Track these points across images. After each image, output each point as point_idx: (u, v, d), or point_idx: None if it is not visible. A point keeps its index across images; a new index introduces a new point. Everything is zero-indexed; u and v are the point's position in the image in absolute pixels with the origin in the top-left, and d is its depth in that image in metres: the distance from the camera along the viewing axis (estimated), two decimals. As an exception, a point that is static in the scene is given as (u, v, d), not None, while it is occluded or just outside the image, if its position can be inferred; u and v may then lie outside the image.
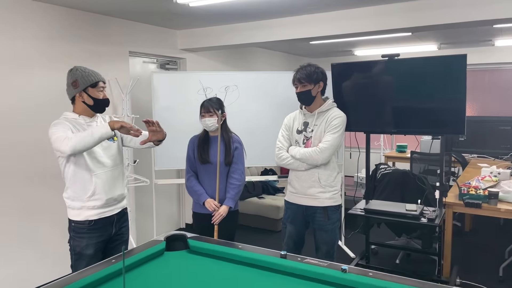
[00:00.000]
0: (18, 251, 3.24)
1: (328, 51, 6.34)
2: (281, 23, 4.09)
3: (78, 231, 2.24)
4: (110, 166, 2.30)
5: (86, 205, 2.23)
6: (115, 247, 2.37)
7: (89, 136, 2.07)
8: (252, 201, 5.07)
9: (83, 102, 2.24)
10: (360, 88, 3.22)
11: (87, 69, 2.25)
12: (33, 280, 3.34)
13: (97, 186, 2.23)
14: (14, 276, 3.22)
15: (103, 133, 2.08)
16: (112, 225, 2.34)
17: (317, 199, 2.62)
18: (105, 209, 2.28)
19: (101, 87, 2.26)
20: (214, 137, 2.79)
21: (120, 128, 2.10)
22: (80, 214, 2.24)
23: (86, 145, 2.07)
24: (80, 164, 2.20)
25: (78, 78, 2.21)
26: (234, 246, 1.99)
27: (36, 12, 3.29)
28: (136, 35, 4.17)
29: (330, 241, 2.66)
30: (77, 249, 2.24)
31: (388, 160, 5.58)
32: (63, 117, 2.23)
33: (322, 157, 2.53)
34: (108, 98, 2.31)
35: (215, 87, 3.90)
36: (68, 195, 2.26)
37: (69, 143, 2.04)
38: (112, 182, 2.31)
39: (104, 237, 2.31)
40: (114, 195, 2.31)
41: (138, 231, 4.39)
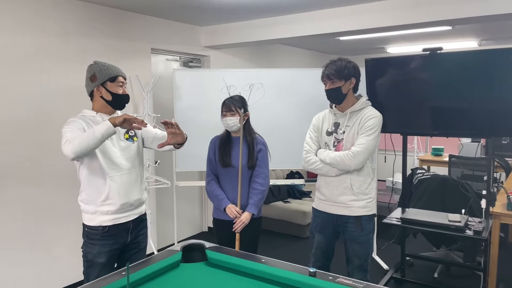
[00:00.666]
0: (31, 254, 3.15)
1: (358, 49, 6.05)
2: (307, 17, 3.87)
3: (91, 237, 2.10)
4: (127, 168, 2.13)
5: (100, 209, 2.07)
6: (131, 256, 2.20)
7: (90, 137, 1.89)
8: (277, 205, 4.84)
9: (102, 98, 2.09)
10: (397, 86, 2.95)
11: (107, 63, 2.11)
12: (47, 284, 3.25)
13: (112, 189, 2.07)
14: (27, 280, 3.13)
15: (105, 130, 1.89)
16: (127, 232, 2.17)
17: (349, 208, 2.37)
18: (120, 214, 2.12)
19: (121, 82, 2.11)
20: (236, 138, 2.60)
21: (122, 123, 1.91)
22: (94, 219, 2.09)
23: (88, 147, 1.89)
24: (94, 165, 2.05)
25: (96, 72, 2.07)
26: (257, 260, 1.79)
27: (56, 7, 3.20)
28: (158, 32, 4.05)
29: (364, 254, 2.40)
30: (89, 256, 2.10)
31: (422, 164, 5.24)
32: (80, 115, 2.10)
33: (355, 162, 2.28)
34: (128, 94, 2.15)
35: (239, 85, 3.73)
36: (82, 198, 2.12)
37: (70, 146, 1.87)
38: (129, 186, 2.14)
39: (119, 245, 2.14)
40: (130, 200, 2.14)
41: (159, 234, 4.27)
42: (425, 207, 3.17)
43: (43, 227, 3.19)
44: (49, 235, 3.23)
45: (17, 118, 3.01)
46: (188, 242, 1.95)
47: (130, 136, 2.18)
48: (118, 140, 2.13)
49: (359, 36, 4.49)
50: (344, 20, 3.68)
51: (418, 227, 2.83)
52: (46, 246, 3.23)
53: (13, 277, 3.03)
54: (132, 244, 2.21)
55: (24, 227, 3.08)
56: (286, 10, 3.79)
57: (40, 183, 3.16)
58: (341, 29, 3.72)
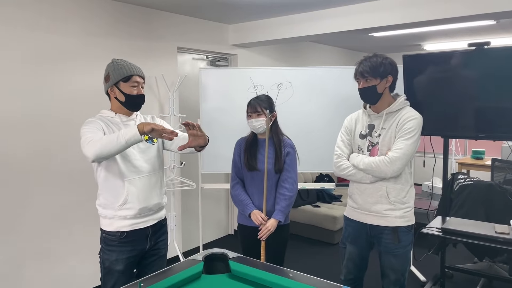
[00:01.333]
0: (61, 254, 3.14)
1: (393, 46, 5.78)
2: (339, 12, 3.69)
3: (108, 243, 2.02)
4: (147, 171, 2.04)
5: (118, 214, 1.99)
6: (150, 264, 2.11)
7: (114, 141, 1.80)
8: (306, 209, 4.67)
9: (116, 98, 2.02)
10: (438, 84, 2.73)
11: (124, 62, 2.01)
12: (75, 285, 3.23)
13: (130, 193, 1.98)
14: (53, 281, 3.12)
15: (130, 137, 1.80)
16: (146, 238, 2.07)
17: (385, 218, 2.17)
18: (139, 220, 2.03)
19: (136, 81, 2.00)
20: (263, 140, 2.46)
21: (151, 131, 1.81)
22: (112, 224, 2.01)
23: (111, 151, 1.80)
24: (113, 168, 1.97)
25: (110, 72, 1.99)
26: (284, 274, 1.66)
27: (81, 7, 3.17)
28: (185, 30, 3.97)
29: (401, 268, 2.20)
30: (106, 263, 2.02)
31: (462, 168, 4.94)
32: (99, 115, 2.03)
33: (393, 168, 2.08)
34: (144, 95, 2.05)
35: (266, 84, 3.59)
36: (100, 202, 2.04)
37: (92, 148, 1.80)
38: (148, 190, 2.05)
39: (137, 251, 2.05)
40: (149, 205, 2.05)
41: (184, 237, 4.19)
42: (467, 215, 2.92)
43: (62, 230, 3.17)
44: (77, 234, 3.21)
45: (41, 118, 3.00)
46: (210, 252, 1.84)
47: (150, 137, 2.08)
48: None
49: (394, 32, 4.26)
50: (378, 15, 3.47)
51: (461, 239, 2.59)
52: (76, 246, 3.21)
53: (30, 280, 3.01)
54: (152, 250, 2.12)
55: (45, 230, 3.06)
56: (317, 5, 3.63)
57: (67, 180, 3.14)
58: (375, 24, 3.51)
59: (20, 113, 2.87)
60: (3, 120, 2.79)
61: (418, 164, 3.36)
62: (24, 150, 2.91)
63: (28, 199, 2.94)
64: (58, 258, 3.12)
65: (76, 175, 3.18)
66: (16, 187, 2.88)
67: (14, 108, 2.84)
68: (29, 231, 2.95)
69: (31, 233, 2.96)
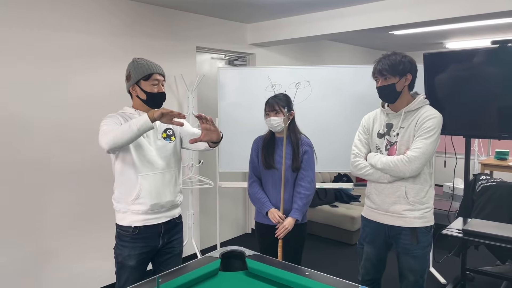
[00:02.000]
0: (80, 251, 3.21)
1: (413, 44, 5.68)
2: (358, 10, 3.65)
3: (122, 238, 2.06)
4: (161, 168, 2.06)
5: (131, 208, 2.02)
6: (165, 262, 2.13)
7: (126, 130, 1.84)
8: (323, 209, 4.64)
9: (137, 97, 2.06)
10: (459, 83, 2.67)
11: (144, 60, 2.05)
12: (95, 282, 3.31)
13: (143, 188, 2.01)
14: (75, 277, 3.19)
15: (141, 124, 1.83)
16: (159, 236, 2.09)
17: (403, 218, 2.14)
18: (150, 216, 2.05)
19: (156, 79, 2.03)
20: (280, 139, 2.46)
21: (161, 117, 1.83)
22: (125, 218, 2.05)
23: (124, 140, 1.84)
24: (127, 162, 2.01)
25: (131, 71, 2.04)
26: (301, 273, 1.65)
27: (102, 7, 3.23)
28: (204, 30, 4.00)
29: (420, 269, 2.17)
30: (119, 258, 2.06)
31: (484, 169, 4.81)
32: (120, 111, 2.08)
33: (411, 168, 2.05)
34: (164, 92, 2.08)
35: (284, 83, 3.59)
36: (115, 196, 2.09)
37: (106, 139, 1.86)
38: (161, 186, 2.06)
39: (149, 248, 2.08)
40: (161, 201, 2.06)
41: (202, 235, 4.23)
42: (490, 217, 2.86)
43: (94, 222, 3.24)
44: (100, 230, 3.28)
45: (63, 116, 3.07)
46: (227, 249, 1.85)
47: (168, 135, 2.12)
48: (155, 139, 2.07)
49: (415, 30, 4.17)
50: (399, 13, 3.41)
51: (483, 241, 2.53)
52: (99, 242, 3.28)
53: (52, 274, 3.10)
54: (166, 248, 2.14)
55: (76, 223, 3.14)
56: (336, 3, 3.60)
57: (88, 177, 3.21)
58: (396, 22, 3.45)
59: (43, 111, 2.95)
60: (25, 119, 2.87)
61: (439, 164, 3.29)
62: (45, 148, 2.99)
63: (46, 197, 3.02)
64: (76, 255, 3.19)
65: (95, 172, 3.24)
66: (35, 185, 2.96)
67: (37, 106, 2.93)
68: (49, 228, 3.03)
69: (51, 230, 3.03)
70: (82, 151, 3.17)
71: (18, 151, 2.84)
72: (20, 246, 2.87)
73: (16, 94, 2.80)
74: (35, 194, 2.94)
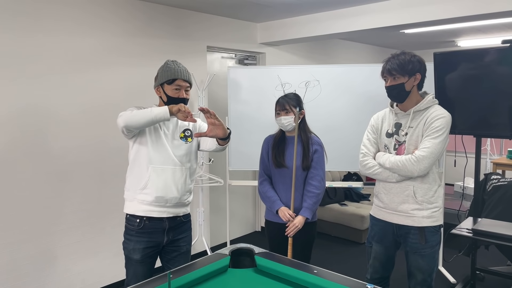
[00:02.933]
0: (94, 246, 3.27)
1: (424, 42, 5.64)
2: (370, 9, 3.64)
3: (128, 232, 2.13)
4: (172, 164, 2.10)
5: (138, 197, 2.09)
6: (173, 259, 2.17)
7: (142, 113, 1.94)
8: (333, 207, 4.65)
9: (160, 98, 2.14)
10: (470, 82, 2.67)
11: (173, 64, 2.10)
12: (108, 276, 3.37)
13: (151, 179, 2.06)
14: (89, 272, 3.26)
15: (158, 112, 1.92)
16: (163, 232, 2.13)
17: (412, 218, 2.14)
18: (154, 208, 2.08)
19: (179, 85, 2.08)
20: (291, 138, 2.48)
21: (177, 112, 1.90)
22: (131, 206, 2.11)
23: (140, 122, 1.94)
24: (142, 152, 2.08)
25: (159, 72, 2.12)
26: (309, 271, 1.67)
27: (113, 10, 3.28)
28: (214, 29, 4.04)
29: (428, 269, 2.17)
30: (125, 251, 2.13)
31: (497, 168, 4.76)
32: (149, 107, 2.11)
33: (419, 167, 2.05)
34: (185, 98, 2.12)
35: (294, 82, 3.60)
36: (126, 184, 2.16)
37: (123, 117, 1.96)
38: (169, 182, 2.09)
39: (154, 244, 2.12)
40: (166, 196, 2.09)
41: (212, 232, 4.27)
42: (500, 217, 2.84)
43: (104, 219, 3.30)
44: (110, 227, 3.34)
45: (81, 115, 3.13)
46: (237, 246, 1.88)
47: (186, 136, 2.16)
48: (173, 138, 2.12)
49: (427, 28, 4.15)
50: (410, 11, 3.40)
51: (493, 240, 2.52)
52: (109, 238, 3.34)
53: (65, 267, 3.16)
54: (172, 246, 2.17)
55: (87, 220, 3.20)
56: (348, 2, 3.59)
57: (99, 177, 3.27)
58: (407, 21, 3.44)
59: (61, 110, 3.02)
60: (52, 116, 2.95)
61: (450, 163, 3.28)
62: (65, 144, 3.05)
63: (67, 193, 3.09)
64: (91, 250, 3.26)
65: (109, 169, 3.31)
66: (57, 181, 3.03)
67: (55, 105, 2.99)
68: (62, 224, 3.09)
69: (64, 226, 3.10)
70: (98, 149, 3.23)
71: (36, 148, 2.91)
72: (34, 242, 2.94)
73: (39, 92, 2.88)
74: (56, 190, 3.01)
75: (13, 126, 2.80)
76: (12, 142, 2.80)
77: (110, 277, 3.38)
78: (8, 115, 2.77)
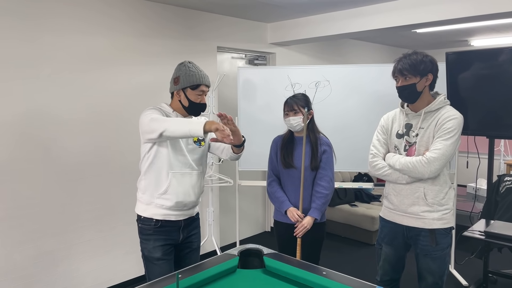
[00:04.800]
0: (105, 244, 3.31)
1: (437, 42, 5.57)
2: (382, 9, 3.60)
3: (144, 232, 2.12)
4: (190, 169, 2.12)
5: (155, 202, 2.07)
6: (184, 256, 2.19)
7: (181, 125, 1.88)
8: (343, 208, 4.62)
9: (179, 101, 2.10)
10: (483, 82, 2.63)
11: (195, 68, 2.09)
12: (120, 275, 3.40)
13: (171, 185, 2.06)
14: (101, 270, 3.29)
15: (195, 130, 1.85)
16: (179, 230, 2.15)
17: (422, 220, 2.12)
18: (172, 212, 2.10)
19: (202, 91, 2.08)
20: (299, 138, 2.47)
21: (215, 131, 1.84)
22: (147, 210, 2.10)
23: (176, 133, 1.89)
24: (161, 157, 2.05)
25: (181, 76, 2.06)
26: (318, 272, 1.66)
27: (125, 11, 3.31)
28: (224, 29, 4.04)
29: (439, 271, 2.14)
30: (145, 252, 2.12)
31: (510, 170, 4.69)
32: (159, 107, 2.11)
33: (430, 169, 2.02)
34: (206, 104, 2.12)
35: (304, 82, 3.59)
36: (141, 186, 2.12)
37: (160, 124, 1.89)
38: (188, 187, 2.11)
39: (171, 241, 2.13)
40: (185, 201, 2.11)
41: (221, 232, 4.28)
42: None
43: (116, 219, 3.34)
44: (122, 227, 3.37)
45: (93, 115, 3.16)
46: (246, 247, 1.89)
47: (199, 140, 2.16)
48: (187, 143, 2.12)
49: (439, 28, 4.10)
50: (423, 10, 3.36)
51: (506, 243, 2.49)
52: (120, 238, 3.37)
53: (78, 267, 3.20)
54: (185, 243, 2.19)
55: (98, 219, 3.24)
56: (359, 2, 3.57)
57: (109, 176, 3.30)
58: (420, 20, 3.40)
59: (72, 109, 3.05)
60: (65, 117, 2.99)
61: (462, 164, 3.23)
62: (78, 145, 3.09)
63: (78, 193, 3.12)
64: (103, 248, 3.30)
65: (126, 168, 3.34)
66: (69, 181, 3.06)
67: (67, 103, 3.03)
68: (73, 222, 3.13)
69: (75, 226, 3.14)
70: (110, 148, 3.26)
71: (46, 148, 2.95)
72: (47, 240, 2.98)
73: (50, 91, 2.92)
74: (69, 191, 3.05)
75: (26, 127, 2.84)
76: (26, 142, 2.84)
77: (122, 275, 3.41)
78: (21, 117, 2.81)
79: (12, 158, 2.79)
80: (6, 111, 2.75)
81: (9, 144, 2.77)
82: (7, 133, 2.76)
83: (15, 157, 2.80)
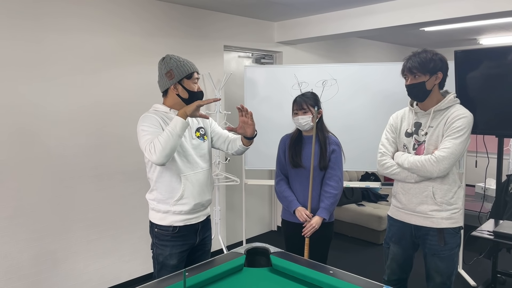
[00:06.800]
0: (112, 243, 3.32)
1: (446, 41, 5.53)
2: (389, 7, 3.58)
3: (161, 238, 2.06)
4: (200, 167, 2.09)
5: (173, 209, 2.02)
6: (197, 258, 2.15)
7: (170, 138, 1.84)
8: (350, 208, 4.61)
9: (178, 95, 2.02)
10: (492, 81, 2.60)
11: (181, 58, 2.03)
12: (126, 273, 3.42)
13: (186, 188, 2.02)
14: (104, 270, 3.31)
15: (180, 128, 1.86)
16: (196, 233, 2.12)
17: (430, 219, 2.10)
18: (192, 215, 2.07)
19: (196, 78, 2.05)
20: (308, 137, 2.46)
21: (195, 110, 1.87)
22: (165, 218, 2.04)
23: (174, 150, 1.87)
24: (169, 163, 1.97)
25: (173, 68, 1.98)
26: (324, 271, 1.65)
27: (132, 10, 3.32)
28: (231, 29, 4.04)
29: (447, 271, 2.13)
30: (160, 258, 2.07)
31: (520, 169, 4.64)
32: (153, 110, 2.05)
33: (439, 168, 2.01)
34: (202, 91, 2.08)
35: (311, 81, 3.58)
36: (154, 197, 2.06)
37: (157, 155, 1.84)
38: (203, 185, 2.09)
39: (187, 246, 2.10)
40: (202, 200, 2.09)
41: (228, 231, 4.29)
42: (524, 220, 2.76)
43: (122, 219, 3.35)
44: (127, 226, 3.38)
45: (100, 114, 3.18)
46: (252, 246, 1.88)
47: (201, 134, 2.13)
48: (190, 139, 2.07)
49: (448, 26, 4.07)
50: (431, 9, 3.33)
51: (515, 244, 2.46)
52: (126, 237, 3.38)
53: (83, 266, 3.22)
54: (199, 246, 2.17)
55: (105, 218, 3.26)
56: (366, 0, 3.54)
57: (115, 176, 3.31)
58: (428, 18, 3.37)
59: (76, 108, 3.07)
60: (70, 115, 3.01)
61: (471, 164, 3.21)
62: (83, 145, 3.11)
63: (80, 194, 3.14)
64: (110, 247, 3.31)
65: (132, 167, 3.35)
66: (74, 179, 3.09)
67: (70, 103, 3.05)
68: (78, 223, 3.14)
69: (80, 225, 3.15)
70: (115, 147, 3.28)
71: (51, 148, 2.97)
72: (54, 239, 3.01)
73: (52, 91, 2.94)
74: (69, 190, 3.07)
75: (31, 125, 2.86)
76: (31, 143, 2.87)
77: (128, 274, 3.43)
78: (28, 117, 2.84)
79: (15, 158, 2.81)
80: (12, 111, 2.77)
81: (14, 145, 2.79)
82: (13, 133, 2.78)
83: (17, 157, 2.82)
